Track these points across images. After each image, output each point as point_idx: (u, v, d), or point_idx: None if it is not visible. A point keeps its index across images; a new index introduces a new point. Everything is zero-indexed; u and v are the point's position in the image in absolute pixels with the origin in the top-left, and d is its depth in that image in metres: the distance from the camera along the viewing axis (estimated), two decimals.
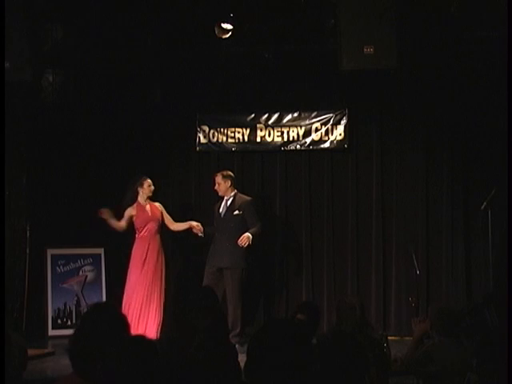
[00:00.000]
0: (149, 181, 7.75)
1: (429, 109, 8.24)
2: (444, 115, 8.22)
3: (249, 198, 7.90)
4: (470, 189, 8.13)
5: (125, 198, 7.72)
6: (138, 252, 7.61)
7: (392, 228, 8.36)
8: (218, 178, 7.80)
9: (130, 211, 7.67)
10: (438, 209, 8.28)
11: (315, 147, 8.50)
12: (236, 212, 7.72)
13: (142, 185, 7.71)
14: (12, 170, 7.93)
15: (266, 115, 8.58)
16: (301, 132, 8.52)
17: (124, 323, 3.18)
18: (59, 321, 8.25)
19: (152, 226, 7.66)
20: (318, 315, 4.91)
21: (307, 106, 8.52)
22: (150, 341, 3.00)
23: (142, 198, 7.72)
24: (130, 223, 7.69)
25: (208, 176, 8.46)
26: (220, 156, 8.66)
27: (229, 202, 7.80)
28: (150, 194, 7.75)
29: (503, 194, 6.54)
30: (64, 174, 8.37)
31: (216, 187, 7.82)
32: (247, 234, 7.53)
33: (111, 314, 3.18)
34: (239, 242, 7.48)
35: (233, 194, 7.81)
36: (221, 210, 7.82)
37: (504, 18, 5.75)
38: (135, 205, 7.71)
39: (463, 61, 7.94)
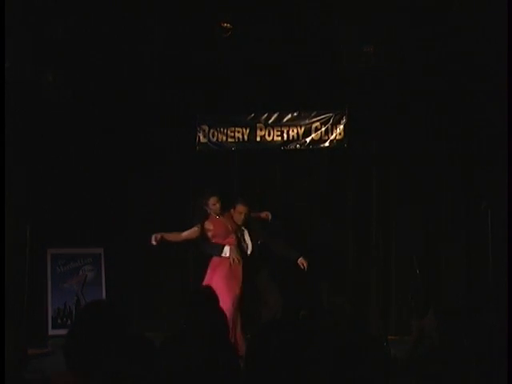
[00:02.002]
0: (214, 198, 7.23)
1: (429, 108, 8.24)
2: (444, 115, 8.21)
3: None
4: (470, 189, 8.12)
5: (193, 216, 7.38)
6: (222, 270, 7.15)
7: (392, 227, 8.36)
8: (244, 208, 7.35)
9: (197, 228, 7.23)
10: (437, 208, 8.28)
11: (315, 147, 8.51)
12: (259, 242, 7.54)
13: (206, 203, 7.24)
14: (12, 170, 7.93)
15: (265, 115, 8.58)
16: (300, 131, 8.52)
17: (120, 321, 3.17)
18: (59, 320, 8.25)
19: (232, 239, 7.28)
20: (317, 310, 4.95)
21: (307, 105, 8.52)
22: (148, 339, 2.99)
23: (214, 214, 7.28)
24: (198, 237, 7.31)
25: (208, 176, 8.46)
26: (220, 155, 8.66)
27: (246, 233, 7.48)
28: (218, 212, 7.25)
29: (503, 194, 6.54)
30: (64, 173, 8.37)
31: (239, 217, 7.36)
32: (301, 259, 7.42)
33: (106, 312, 3.17)
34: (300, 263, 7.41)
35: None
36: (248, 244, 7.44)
37: (504, 19, 5.76)
38: (209, 220, 7.25)
39: (464, 60, 7.94)
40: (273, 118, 8.58)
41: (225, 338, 4.26)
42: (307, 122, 8.52)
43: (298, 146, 8.54)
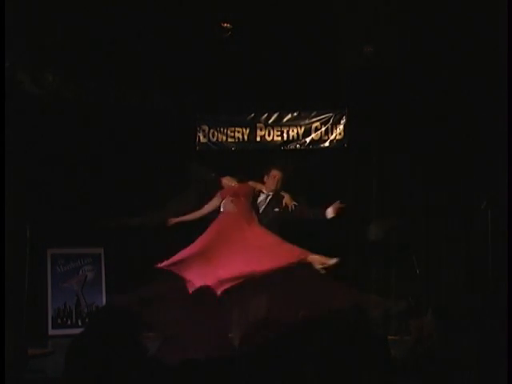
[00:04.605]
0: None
1: (429, 108, 8.24)
2: (444, 115, 8.21)
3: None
4: (470, 189, 8.13)
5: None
6: None
7: (392, 227, 8.36)
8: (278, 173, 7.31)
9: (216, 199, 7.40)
10: (437, 208, 8.28)
11: (315, 147, 8.52)
12: (276, 209, 7.38)
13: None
14: (12, 170, 7.92)
15: (265, 115, 8.60)
16: (300, 131, 8.53)
17: (133, 326, 3.16)
18: (59, 320, 8.26)
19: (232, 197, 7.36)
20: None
21: (307, 105, 8.53)
22: (139, 341, 2.99)
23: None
24: None
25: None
26: (220, 155, 8.66)
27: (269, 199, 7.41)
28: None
29: (503, 194, 6.54)
30: (64, 173, 8.37)
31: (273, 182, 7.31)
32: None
33: (120, 317, 3.17)
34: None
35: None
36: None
37: (504, 18, 5.76)
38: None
39: (464, 60, 7.94)
40: (273, 118, 8.59)
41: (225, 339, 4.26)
42: (307, 121, 8.53)
43: (297, 146, 8.54)
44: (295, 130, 8.54)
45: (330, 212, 7.15)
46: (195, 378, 3.57)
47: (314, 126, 8.51)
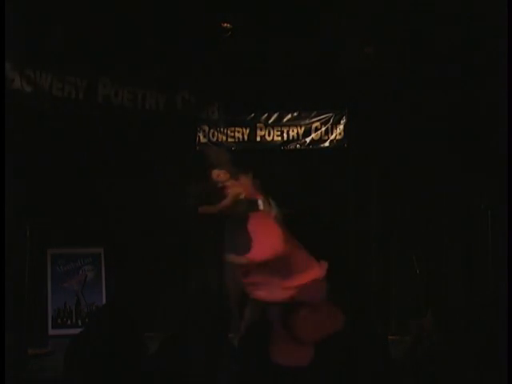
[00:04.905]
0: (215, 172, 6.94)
1: (429, 108, 8.24)
2: (444, 115, 8.21)
3: None
4: (470, 189, 8.12)
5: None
6: None
7: (392, 227, 8.36)
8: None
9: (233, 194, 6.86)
10: (437, 208, 8.28)
11: (315, 147, 8.52)
12: None
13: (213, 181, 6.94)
14: (12, 170, 7.92)
15: (265, 114, 8.60)
16: (300, 131, 8.53)
17: (131, 325, 3.16)
18: (59, 320, 8.26)
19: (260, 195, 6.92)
20: None
21: (307, 105, 8.53)
22: (140, 340, 3.00)
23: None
24: None
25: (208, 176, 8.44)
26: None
27: None
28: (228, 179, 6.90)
29: (503, 194, 6.55)
30: (64, 173, 8.36)
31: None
32: None
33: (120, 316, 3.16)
34: None
35: None
36: None
37: (504, 18, 5.76)
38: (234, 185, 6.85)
39: (464, 60, 7.94)
40: (273, 118, 8.59)
41: (224, 338, 4.26)
42: (307, 121, 8.53)
43: (298, 146, 8.55)
44: (295, 130, 8.54)
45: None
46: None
47: (314, 126, 8.51)
